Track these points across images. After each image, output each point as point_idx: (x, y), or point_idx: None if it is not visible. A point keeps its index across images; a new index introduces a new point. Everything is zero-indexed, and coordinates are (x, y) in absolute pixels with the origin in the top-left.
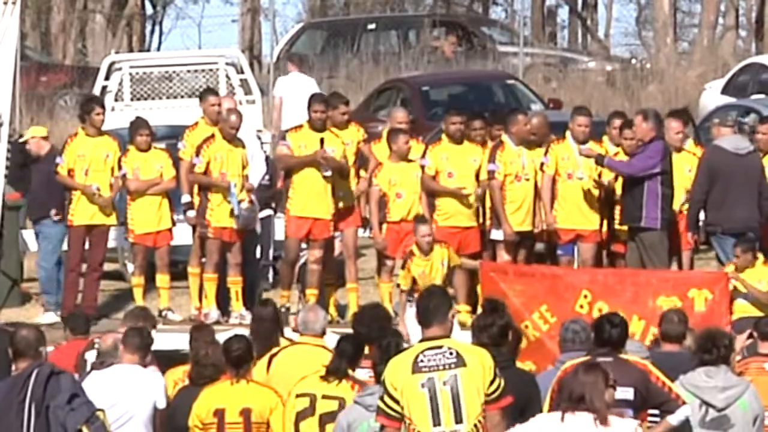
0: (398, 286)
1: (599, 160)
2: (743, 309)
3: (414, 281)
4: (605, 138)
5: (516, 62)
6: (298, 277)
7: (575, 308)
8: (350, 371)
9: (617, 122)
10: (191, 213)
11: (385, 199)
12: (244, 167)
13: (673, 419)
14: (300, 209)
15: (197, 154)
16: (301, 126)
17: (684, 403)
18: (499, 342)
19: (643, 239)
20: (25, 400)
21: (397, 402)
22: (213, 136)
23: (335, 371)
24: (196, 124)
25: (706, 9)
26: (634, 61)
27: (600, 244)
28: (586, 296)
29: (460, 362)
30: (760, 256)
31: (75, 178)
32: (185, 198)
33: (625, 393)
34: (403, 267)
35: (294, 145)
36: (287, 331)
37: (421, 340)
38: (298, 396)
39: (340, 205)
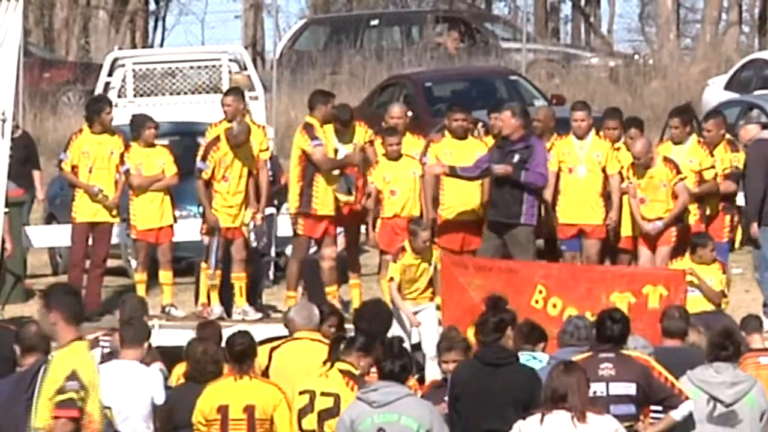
0: (391, 279)
1: (515, 176)
2: (695, 304)
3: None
4: (601, 133)
5: (519, 58)
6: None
7: (531, 303)
8: (352, 367)
9: (611, 123)
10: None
11: (380, 196)
12: (250, 173)
13: (677, 414)
14: (325, 208)
15: (203, 159)
16: (312, 124)
17: (687, 398)
18: (496, 337)
19: (515, 235)
20: (33, 396)
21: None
22: (218, 138)
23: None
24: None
25: (709, 4)
26: (637, 56)
27: (604, 240)
28: (540, 291)
29: None
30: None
31: (79, 175)
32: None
33: (628, 388)
34: (394, 261)
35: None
36: (280, 329)
37: None
38: (300, 393)
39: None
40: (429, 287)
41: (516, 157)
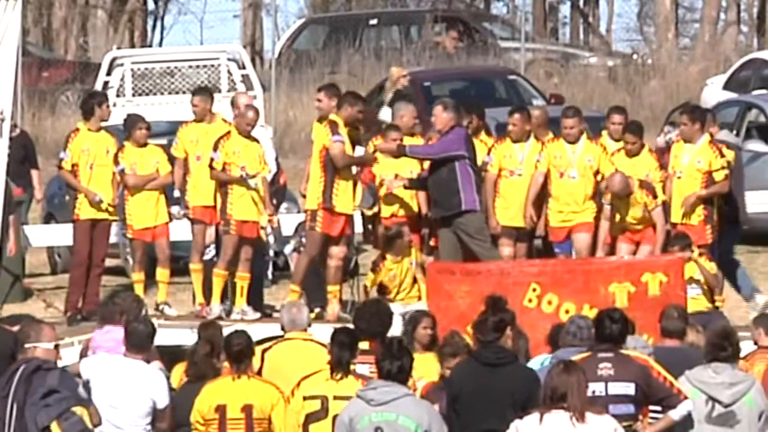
0: (365, 287)
1: (401, 151)
2: (693, 303)
3: (382, 284)
4: (604, 133)
5: (517, 58)
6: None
7: (523, 303)
8: (353, 365)
9: (617, 117)
10: (175, 209)
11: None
12: (259, 162)
13: (675, 414)
14: (344, 206)
15: (215, 149)
16: (336, 122)
17: (685, 398)
18: (495, 336)
19: (467, 225)
20: (8, 396)
21: None
22: (228, 132)
23: (339, 363)
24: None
25: (708, 4)
26: (635, 56)
27: (594, 234)
28: (534, 289)
29: None
30: (696, 250)
31: (79, 173)
32: (176, 193)
33: (626, 388)
34: (373, 270)
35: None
36: (276, 329)
37: None
38: (306, 398)
39: None
40: (415, 284)
41: None
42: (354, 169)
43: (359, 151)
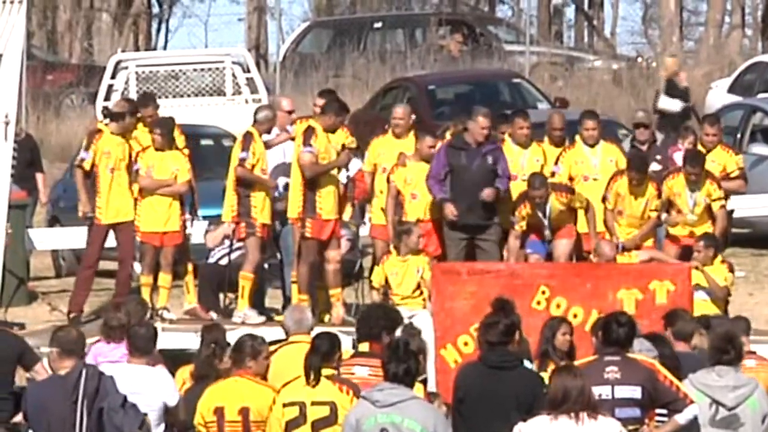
0: (370, 282)
1: (497, 191)
2: (701, 307)
3: (386, 281)
4: (577, 138)
5: (522, 61)
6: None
7: (532, 305)
8: (332, 370)
9: (590, 123)
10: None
11: (400, 198)
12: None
13: (681, 418)
14: (330, 212)
15: (244, 149)
16: (314, 129)
17: (692, 402)
18: (503, 340)
19: (490, 233)
20: (78, 399)
21: None
22: (251, 134)
23: (309, 368)
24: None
25: (712, 7)
26: (640, 59)
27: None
28: (543, 292)
29: None
30: (720, 256)
31: (99, 175)
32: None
33: (633, 392)
34: (378, 264)
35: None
36: (278, 332)
37: None
38: (285, 405)
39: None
40: (417, 291)
41: (489, 159)
42: (344, 178)
43: (356, 163)
